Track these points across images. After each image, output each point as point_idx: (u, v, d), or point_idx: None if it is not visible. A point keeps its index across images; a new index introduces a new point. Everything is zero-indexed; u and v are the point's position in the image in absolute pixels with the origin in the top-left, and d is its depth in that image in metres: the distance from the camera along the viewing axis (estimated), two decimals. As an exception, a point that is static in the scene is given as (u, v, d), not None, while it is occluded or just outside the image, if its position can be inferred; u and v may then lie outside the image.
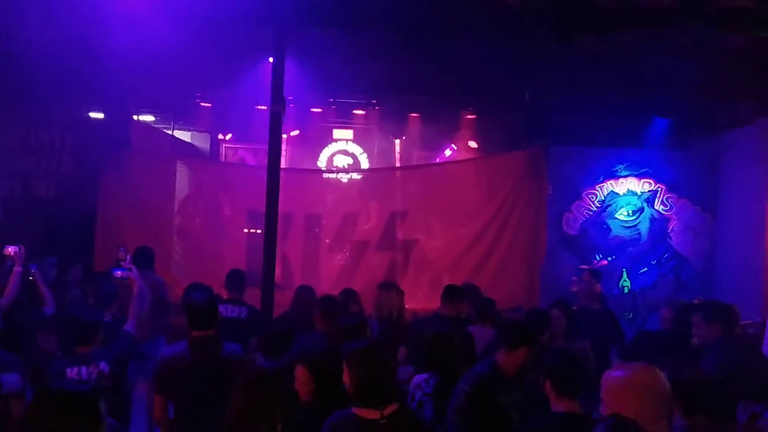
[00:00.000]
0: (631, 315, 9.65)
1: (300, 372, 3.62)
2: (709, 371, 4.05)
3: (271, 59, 7.69)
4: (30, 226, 9.06)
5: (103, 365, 4.18)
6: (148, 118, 11.03)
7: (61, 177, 9.68)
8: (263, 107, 8.37)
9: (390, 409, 3.09)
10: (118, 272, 5.14)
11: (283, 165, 11.09)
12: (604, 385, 2.63)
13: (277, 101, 7.25)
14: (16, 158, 9.63)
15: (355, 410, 3.08)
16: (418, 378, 4.39)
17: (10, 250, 5.53)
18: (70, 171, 9.68)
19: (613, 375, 2.64)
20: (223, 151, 11.81)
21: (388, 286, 6.19)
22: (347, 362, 3.25)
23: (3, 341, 4.41)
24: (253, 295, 7.12)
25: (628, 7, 7.48)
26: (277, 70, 7.31)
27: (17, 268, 5.38)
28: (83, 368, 4.10)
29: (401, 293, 6.06)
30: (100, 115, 9.94)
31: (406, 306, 8.43)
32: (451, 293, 5.86)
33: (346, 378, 3.25)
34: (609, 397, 2.58)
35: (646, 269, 9.92)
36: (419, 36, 8.02)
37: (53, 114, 9.51)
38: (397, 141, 11.28)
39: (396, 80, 9.27)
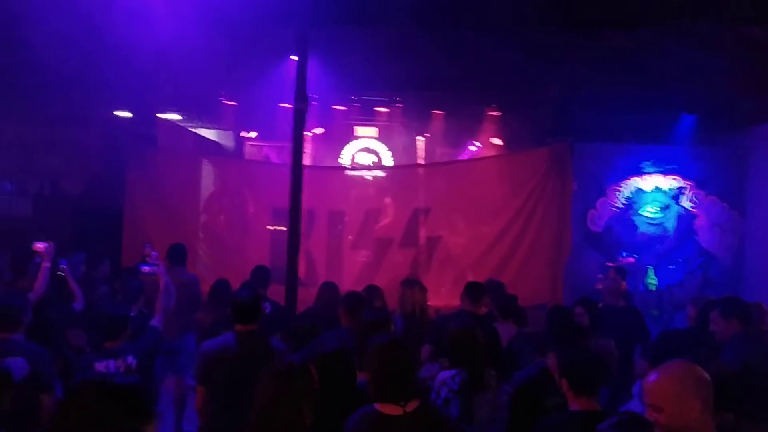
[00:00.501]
0: (658, 312, 9.54)
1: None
2: (729, 367, 4.01)
3: (294, 57, 7.72)
4: (59, 222, 9.24)
5: (130, 359, 4.23)
6: (174, 116, 11.13)
7: (88, 175, 9.85)
8: (287, 105, 8.39)
9: (412, 405, 3.08)
10: (146, 268, 5.22)
11: (306, 163, 11.17)
12: (646, 390, 2.60)
13: (301, 99, 7.27)
14: (45, 156, 9.81)
15: (377, 406, 3.08)
16: (444, 375, 4.39)
17: (40, 246, 5.63)
18: (97, 169, 9.84)
19: (653, 378, 2.60)
20: (247, 149, 11.87)
21: (412, 283, 6.19)
22: (368, 357, 3.26)
23: (33, 336, 4.48)
24: (277, 292, 7.18)
25: (653, 1, 7.41)
26: (301, 67, 7.33)
27: (46, 264, 5.47)
28: (111, 362, 4.17)
29: (424, 290, 6.06)
30: (127, 114, 10.06)
31: (430, 303, 8.45)
32: (472, 290, 5.85)
33: (367, 373, 3.26)
34: (654, 399, 2.55)
35: (673, 266, 9.82)
36: (441, 32, 8.00)
37: (81, 113, 9.66)
38: (421, 138, 11.25)
39: (419, 77, 9.24)
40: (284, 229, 8.21)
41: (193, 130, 11.40)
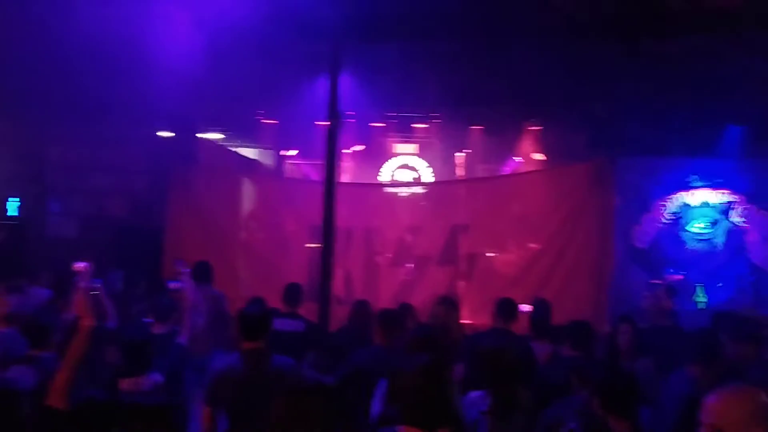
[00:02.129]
0: (708, 333, 9.17)
1: None
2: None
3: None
4: (103, 243, 9.41)
5: (156, 376, 4.23)
6: (216, 135, 11.28)
7: (132, 195, 10.03)
8: (323, 123, 8.41)
9: None
10: (174, 284, 5.23)
11: (345, 180, 11.15)
12: (707, 409, 2.45)
13: (333, 115, 7.26)
14: (90, 177, 10.03)
15: (400, 429, 2.97)
16: (474, 395, 4.25)
17: (80, 266, 5.70)
18: (140, 189, 10.01)
19: (717, 398, 2.46)
20: (287, 167, 11.94)
21: (440, 300, 6.03)
22: (399, 378, 3.15)
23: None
24: (314, 310, 7.16)
25: (699, 9, 7.21)
26: (333, 84, 7.33)
27: (83, 284, 5.53)
28: (137, 379, 4.17)
29: (452, 307, 5.84)
30: (169, 134, 10.23)
31: (471, 321, 8.27)
32: (503, 307, 5.65)
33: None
34: (716, 420, 2.41)
35: (722, 284, 9.45)
36: (479, 46, 7.94)
37: (123, 133, 9.85)
38: (460, 154, 11.15)
39: (456, 92, 9.18)
40: (322, 246, 8.19)
41: (233, 149, 11.53)
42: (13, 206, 10.04)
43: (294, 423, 2.69)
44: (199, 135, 10.64)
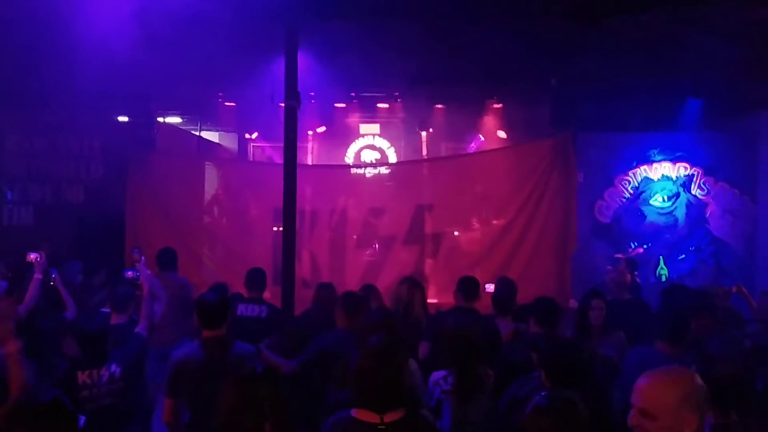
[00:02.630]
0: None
1: None
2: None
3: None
4: (61, 231, 9.22)
5: (114, 367, 4.15)
6: (175, 119, 11.08)
7: (90, 181, 9.84)
8: (282, 104, 8.30)
9: (394, 415, 2.90)
10: (129, 273, 5.14)
11: (310, 162, 11.05)
12: (639, 391, 2.38)
13: (291, 96, 7.16)
14: (46, 164, 9.79)
15: (353, 412, 2.95)
16: (437, 375, 4.26)
17: (32, 257, 5.56)
18: (98, 175, 9.82)
19: (650, 381, 2.39)
20: (250, 150, 11.80)
21: (403, 280, 6.00)
22: (351, 361, 3.14)
23: (24, 348, 4.40)
24: (280, 293, 7.11)
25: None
26: (290, 64, 7.23)
27: (37, 275, 5.40)
28: (94, 371, 4.08)
29: (415, 287, 5.80)
30: (127, 119, 10.01)
31: (438, 300, 8.29)
32: (465, 286, 5.64)
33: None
34: (648, 405, 2.33)
35: (684, 256, 9.61)
36: (438, 25, 7.87)
37: (81, 119, 9.62)
38: (424, 133, 11.11)
39: (418, 72, 9.11)
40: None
41: (195, 132, 11.34)
42: (-34, 195, 9.80)
43: (243, 411, 2.64)
44: (158, 119, 10.44)
